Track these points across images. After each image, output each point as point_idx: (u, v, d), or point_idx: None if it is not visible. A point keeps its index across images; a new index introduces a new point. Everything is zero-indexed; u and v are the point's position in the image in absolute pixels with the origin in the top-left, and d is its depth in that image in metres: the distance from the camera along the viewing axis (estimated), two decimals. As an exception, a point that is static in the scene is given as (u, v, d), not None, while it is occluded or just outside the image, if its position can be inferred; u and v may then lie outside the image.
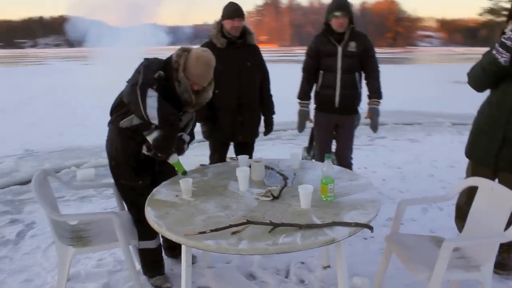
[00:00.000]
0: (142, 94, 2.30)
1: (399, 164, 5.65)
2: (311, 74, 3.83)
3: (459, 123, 8.32)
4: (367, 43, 3.69)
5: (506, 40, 2.60)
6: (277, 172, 2.64)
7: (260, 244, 1.81)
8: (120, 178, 2.66)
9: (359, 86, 3.75)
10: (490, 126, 2.86)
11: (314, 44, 3.79)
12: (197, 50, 2.54)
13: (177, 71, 2.47)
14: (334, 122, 3.85)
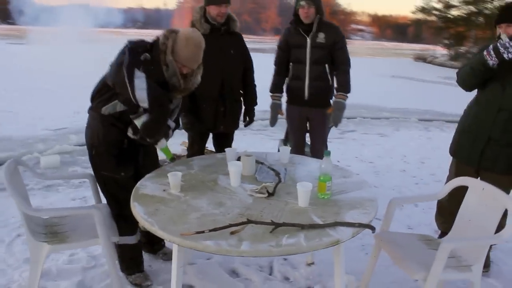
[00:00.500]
0: (129, 74, 2.15)
1: (371, 158, 5.68)
2: (282, 66, 3.73)
3: (425, 119, 8.50)
4: (337, 34, 3.55)
5: (500, 46, 2.60)
6: (268, 167, 2.53)
7: (263, 245, 1.70)
8: (101, 169, 2.47)
9: (330, 79, 3.63)
10: (477, 126, 2.87)
11: (283, 36, 3.69)
12: (186, 31, 2.39)
13: (165, 54, 2.32)
14: (305, 115, 3.75)
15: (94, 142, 2.44)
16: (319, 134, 3.77)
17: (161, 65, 2.32)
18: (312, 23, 3.48)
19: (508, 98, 2.72)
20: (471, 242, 2.22)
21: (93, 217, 2.25)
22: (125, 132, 2.40)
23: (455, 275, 2.24)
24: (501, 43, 2.60)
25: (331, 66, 3.59)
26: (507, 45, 2.57)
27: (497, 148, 2.80)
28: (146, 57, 2.28)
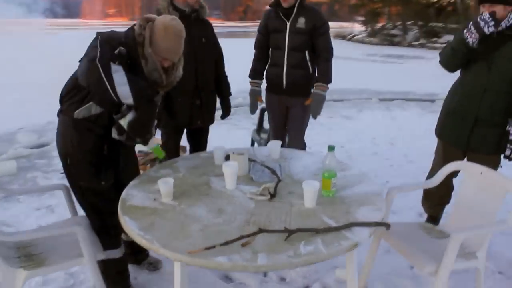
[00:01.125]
0: (105, 70, 1.89)
1: (342, 142, 5.63)
2: (263, 51, 3.54)
3: (386, 98, 8.58)
4: (318, 19, 3.33)
5: (480, 21, 2.57)
6: (261, 165, 2.36)
7: (281, 256, 1.55)
8: (78, 180, 2.21)
9: (311, 67, 3.43)
10: (464, 107, 2.83)
11: (263, 19, 3.49)
12: (164, 19, 2.14)
13: (142, 46, 2.09)
14: (284, 104, 3.57)
15: (68, 151, 2.18)
16: (297, 125, 3.59)
17: (139, 59, 2.09)
18: (293, 7, 3.27)
19: (494, 78, 2.68)
20: (482, 230, 2.16)
21: (74, 234, 2.00)
22: (104, 137, 2.15)
23: (463, 264, 2.18)
24: (481, 18, 2.60)
25: (311, 53, 3.39)
26: (487, 20, 2.58)
27: (484, 128, 2.78)
28: (121, 51, 2.03)
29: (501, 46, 2.65)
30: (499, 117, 2.73)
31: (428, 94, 9.01)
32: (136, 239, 1.71)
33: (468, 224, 2.33)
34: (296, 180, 2.21)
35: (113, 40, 2.06)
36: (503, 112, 2.72)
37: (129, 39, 2.09)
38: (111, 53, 1.96)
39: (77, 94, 2.11)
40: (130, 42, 2.08)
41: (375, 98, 8.53)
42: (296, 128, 3.59)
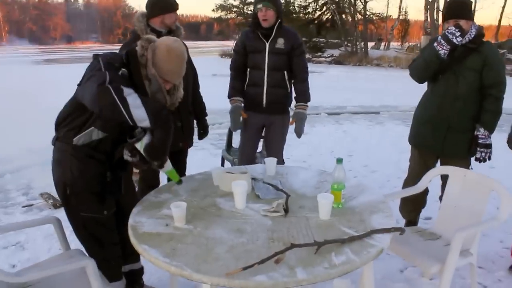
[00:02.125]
0: (118, 93, 1.79)
1: (303, 157, 5.75)
2: (239, 71, 3.57)
3: (334, 112, 8.88)
4: (296, 41, 3.45)
5: (448, 34, 2.78)
6: (264, 182, 2.38)
7: (318, 269, 1.57)
8: (79, 211, 2.11)
9: (289, 85, 3.53)
10: (437, 115, 3.02)
11: (240, 39, 3.54)
12: (166, 41, 2.10)
13: (146, 68, 2.05)
14: (262, 122, 3.63)
15: (67, 180, 2.07)
16: (277, 142, 3.66)
17: (142, 80, 2.04)
18: (272, 28, 3.34)
19: (463, 88, 2.90)
20: (479, 227, 2.30)
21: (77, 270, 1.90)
22: (106, 163, 2.08)
23: (461, 261, 2.30)
24: (448, 31, 2.82)
25: (289, 73, 3.48)
26: (453, 31, 2.80)
27: (456, 134, 2.98)
28: (123, 73, 1.98)
29: (466, 58, 2.88)
30: (469, 123, 2.95)
31: (339, 107, 9.43)
32: (162, 267, 1.65)
33: (456, 224, 2.47)
34: (301, 195, 2.24)
35: (116, 61, 2.01)
36: (472, 119, 2.94)
37: (131, 60, 2.04)
38: (118, 75, 1.91)
39: (76, 119, 2.03)
40: (133, 64, 2.04)
41: (323, 113, 8.80)
42: (277, 145, 3.65)
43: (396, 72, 20.45)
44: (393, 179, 4.71)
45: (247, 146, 3.74)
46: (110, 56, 2.02)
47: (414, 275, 2.88)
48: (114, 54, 2.07)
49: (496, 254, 3.17)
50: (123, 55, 2.07)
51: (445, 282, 2.18)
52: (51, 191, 4.21)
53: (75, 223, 2.16)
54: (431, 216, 3.56)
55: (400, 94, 11.39)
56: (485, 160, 2.94)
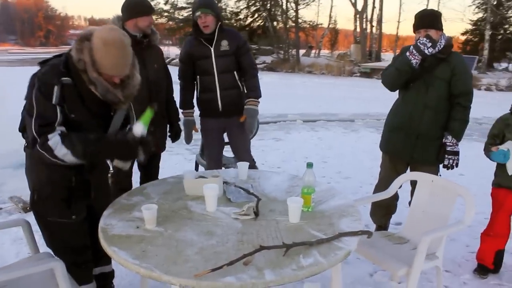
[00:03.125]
0: (47, 151, 1.91)
1: (277, 163, 5.79)
2: (188, 80, 3.58)
3: (309, 120, 8.96)
4: (239, 40, 3.48)
5: (420, 44, 2.87)
6: (235, 186, 2.40)
7: (286, 270, 1.60)
8: (46, 215, 2.09)
9: (241, 85, 3.56)
10: (407, 123, 3.09)
11: (185, 48, 3.53)
12: (101, 33, 1.94)
13: (86, 73, 1.94)
14: (222, 126, 3.65)
15: (35, 186, 2.07)
16: (241, 143, 3.69)
17: (87, 88, 1.97)
18: (213, 32, 3.35)
19: (431, 97, 2.99)
20: (445, 232, 2.36)
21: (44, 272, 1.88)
22: (72, 169, 2.06)
23: (428, 264, 2.36)
24: (420, 42, 2.91)
25: (239, 72, 3.51)
26: (425, 41, 2.89)
27: (425, 142, 3.06)
28: (67, 82, 1.94)
29: (435, 68, 2.96)
30: (438, 131, 3.04)
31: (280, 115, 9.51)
32: (132, 268, 1.65)
33: (424, 228, 2.53)
34: (272, 198, 2.27)
35: (53, 77, 1.93)
36: (441, 127, 3.03)
37: (71, 69, 1.96)
38: (48, 117, 1.91)
39: None
40: (73, 72, 1.95)
41: (299, 120, 8.89)
42: (242, 145, 3.69)
43: (329, 79, 20.96)
44: (365, 185, 4.79)
45: (212, 152, 3.75)
46: (45, 72, 1.95)
47: (384, 278, 2.94)
48: (52, 66, 1.97)
49: (462, 258, 3.26)
50: (60, 62, 1.98)
51: (412, 284, 2.23)
52: (21, 195, 4.14)
53: (43, 228, 2.14)
54: (402, 222, 3.63)
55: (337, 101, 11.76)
56: (453, 167, 3.02)
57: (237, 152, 3.74)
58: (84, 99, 2.00)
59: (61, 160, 1.92)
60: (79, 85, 1.97)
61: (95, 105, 2.05)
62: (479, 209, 4.08)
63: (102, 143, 1.98)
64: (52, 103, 1.90)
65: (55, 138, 1.90)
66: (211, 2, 3.34)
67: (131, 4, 2.95)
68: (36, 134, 1.90)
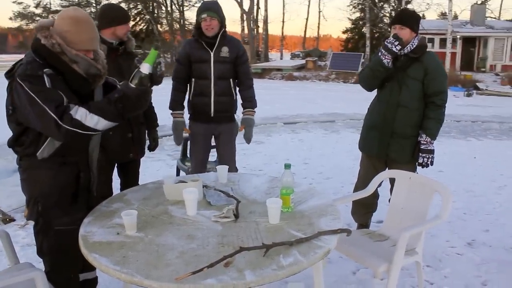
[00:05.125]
0: (74, 124, 1.90)
1: (259, 166, 5.83)
2: (181, 81, 3.58)
3: (290, 122, 9.02)
4: (240, 48, 3.52)
5: (388, 43, 2.94)
6: (215, 189, 2.41)
7: (266, 271, 1.62)
8: (54, 225, 2.08)
9: (234, 93, 3.58)
10: (381, 121, 3.15)
11: (184, 49, 3.54)
12: (66, 13, 2.00)
13: (64, 53, 1.95)
14: (211, 132, 3.65)
15: (38, 197, 2.06)
16: (228, 149, 3.70)
17: (71, 67, 1.98)
18: (215, 37, 3.38)
19: (405, 96, 3.05)
20: (423, 227, 2.41)
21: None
22: (79, 164, 2.09)
23: (408, 259, 2.41)
24: (387, 41, 2.98)
25: (234, 81, 3.54)
26: (392, 40, 2.97)
27: (400, 140, 3.11)
28: (48, 72, 1.93)
29: (408, 67, 3.03)
30: (412, 130, 3.09)
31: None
32: (113, 274, 1.65)
33: (403, 224, 2.58)
34: (252, 200, 2.29)
35: (36, 70, 1.91)
36: (415, 126, 3.09)
37: (47, 57, 1.95)
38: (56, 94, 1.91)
39: (29, 135, 1.99)
40: (51, 58, 1.95)
41: (280, 122, 8.93)
42: (229, 153, 3.69)
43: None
44: (346, 185, 4.84)
45: (198, 157, 3.74)
46: (28, 71, 1.91)
47: (366, 276, 2.98)
48: (28, 64, 1.93)
49: (443, 253, 3.32)
50: (34, 57, 1.96)
51: (392, 280, 2.27)
52: (0, 206, 4.07)
53: (46, 237, 2.12)
54: (383, 220, 3.68)
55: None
56: (428, 165, 3.08)
57: (222, 158, 3.74)
58: (69, 83, 1.99)
59: (94, 129, 1.93)
60: (62, 68, 1.97)
61: (79, 86, 2.05)
62: (458, 205, 4.23)
63: (124, 95, 1.98)
64: (49, 88, 1.90)
65: (79, 110, 1.91)
66: (218, 7, 3.36)
67: (108, 13, 2.95)
68: (57, 116, 1.87)
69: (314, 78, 23.12)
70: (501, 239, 3.58)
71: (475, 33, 25.22)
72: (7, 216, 3.92)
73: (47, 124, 1.88)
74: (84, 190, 2.18)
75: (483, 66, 24.46)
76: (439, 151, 3.14)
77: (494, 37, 25.20)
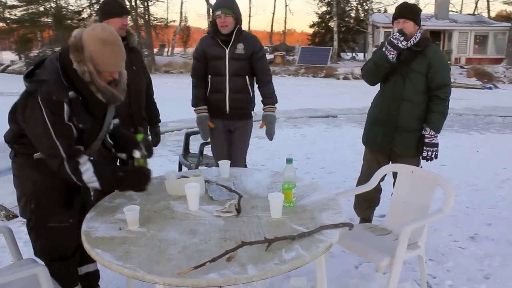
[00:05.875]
0: (76, 174, 1.96)
1: (262, 161, 5.82)
2: (201, 78, 3.57)
3: (292, 117, 9.00)
4: (256, 45, 3.48)
5: (393, 39, 2.93)
6: (217, 184, 2.41)
7: (268, 265, 1.62)
8: (46, 222, 2.09)
9: (251, 90, 3.56)
10: (385, 116, 3.14)
11: (200, 46, 3.54)
12: (95, 33, 1.93)
13: (94, 84, 1.95)
14: (227, 127, 3.64)
15: (30, 194, 2.07)
16: (241, 147, 3.69)
17: (96, 97, 2.00)
18: (231, 34, 3.35)
19: (408, 90, 3.04)
20: (425, 221, 2.40)
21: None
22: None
23: (410, 253, 2.41)
24: (393, 37, 2.96)
25: (251, 77, 3.52)
26: (398, 36, 2.96)
27: (404, 134, 3.10)
28: (73, 96, 1.94)
29: (411, 61, 3.01)
30: (416, 123, 3.08)
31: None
32: (115, 269, 1.66)
33: (405, 218, 2.57)
34: (254, 195, 2.29)
35: (60, 94, 1.91)
36: (419, 119, 3.08)
37: (77, 84, 1.95)
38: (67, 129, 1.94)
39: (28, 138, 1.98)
40: (80, 86, 1.95)
41: (282, 117, 8.92)
42: (241, 150, 3.69)
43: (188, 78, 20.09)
44: (349, 179, 4.84)
45: (219, 153, 3.71)
46: (53, 95, 1.88)
47: (369, 270, 2.98)
48: (55, 85, 1.91)
49: (445, 247, 3.32)
50: (61, 78, 1.93)
51: (395, 274, 2.27)
52: (3, 202, 4.09)
53: (40, 235, 2.14)
54: (385, 214, 3.67)
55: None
56: (432, 158, 3.07)
57: (234, 154, 3.71)
58: (88, 106, 2.02)
59: (82, 183, 1.98)
60: (87, 95, 1.98)
61: (98, 109, 2.09)
62: (460, 199, 4.22)
63: (126, 178, 2.10)
64: (65, 121, 1.92)
65: (87, 165, 1.96)
66: (233, 4, 3.34)
67: (103, 6, 2.96)
68: (67, 156, 1.92)
69: (283, 73, 22.84)
70: (504, 233, 3.58)
71: (440, 26, 25.35)
72: (10, 213, 3.94)
73: (51, 156, 1.94)
74: (78, 189, 2.18)
75: (448, 59, 24.67)
76: (441, 145, 3.12)
77: (458, 30, 25.55)
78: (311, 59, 23.34)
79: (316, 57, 23.36)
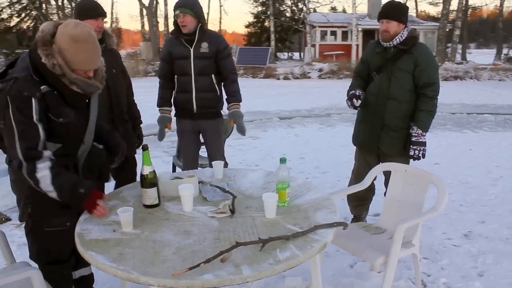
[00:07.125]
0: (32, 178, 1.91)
1: (255, 161, 5.82)
2: (167, 79, 3.58)
3: (285, 117, 9.01)
4: (221, 43, 3.45)
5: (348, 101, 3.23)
6: (211, 185, 2.40)
7: (263, 265, 1.62)
8: (43, 226, 2.08)
9: (218, 89, 3.55)
10: (371, 114, 3.15)
11: (165, 47, 3.54)
12: (67, 30, 1.87)
13: (65, 76, 1.90)
14: (197, 127, 3.64)
15: (27, 198, 2.06)
16: (215, 146, 3.68)
17: (70, 89, 1.96)
18: (194, 33, 3.33)
19: (394, 88, 3.05)
20: (419, 219, 2.41)
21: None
22: (68, 168, 2.08)
23: (404, 252, 2.41)
24: (349, 96, 3.16)
25: (217, 76, 3.51)
26: (352, 96, 3.12)
27: (391, 133, 3.11)
28: (46, 90, 1.91)
29: (397, 59, 3.01)
30: (403, 122, 3.09)
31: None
32: (109, 271, 1.65)
33: (399, 217, 2.58)
34: (248, 196, 2.29)
35: (29, 89, 1.87)
36: (406, 118, 3.08)
37: (48, 77, 1.90)
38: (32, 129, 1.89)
39: None
40: (51, 79, 1.91)
41: (275, 118, 8.93)
42: (216, 148, 3.67)
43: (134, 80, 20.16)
44: (343, 179, 4.84)
45: (188, 153, 3.74)
46: (22, 88, 1.85)
47: (364, 269, 2.98)
48: (24, 81, 1.87)
49: (439, 245, 3.34)
50: (32, 74, 1.89)
51: (390, 272, 2.28)
52: (-4, 206, 4.06)
53: (36, 238, 2.13)
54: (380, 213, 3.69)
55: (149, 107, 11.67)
56: (419, 157, 3.06)
57: (211, 154, 3.72)
58: (65, 99, 1.99)
59: (41, 190, 1.94)
60: (61, 88, 1.95)
61: (76, 101, 2.05)
62: (454, 197, 4.24)
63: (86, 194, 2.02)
64: (33, 121, 1.88)
65: (44, 171, 1.90)
66: (192, 2, 3.30)
67: (78, 7, 2.90)
68: (23, 159, 1.88)
69: (222, 74, 22.41)
70: (497, 230, 3.60)
71: (373, 25, 25.29)
72: (3, 216, 3.90)
73: (12, 157, 1.92)
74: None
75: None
76: (434, 144, 3.14)
77: (390, 29, 25.94)
78: (250, 59, 22.44)
79: (255, 58, 22.51)
